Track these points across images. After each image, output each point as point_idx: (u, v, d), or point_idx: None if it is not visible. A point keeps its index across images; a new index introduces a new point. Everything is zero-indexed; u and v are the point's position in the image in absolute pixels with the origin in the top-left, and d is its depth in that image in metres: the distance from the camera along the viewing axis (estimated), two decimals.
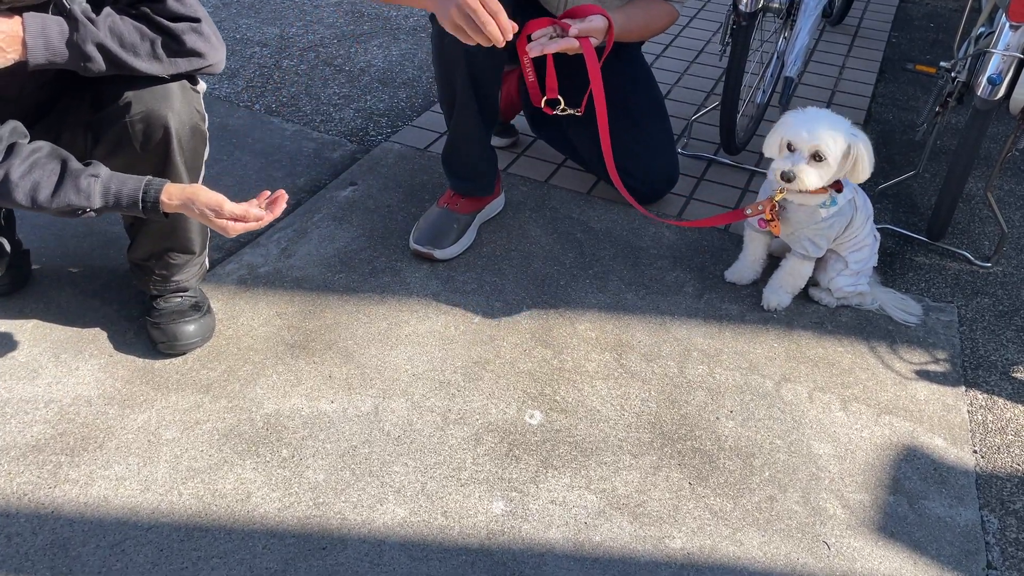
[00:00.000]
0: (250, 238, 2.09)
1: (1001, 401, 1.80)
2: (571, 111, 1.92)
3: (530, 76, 1.96)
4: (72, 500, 1.43)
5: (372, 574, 1.36)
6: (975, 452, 1.68)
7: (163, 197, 1.42)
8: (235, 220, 1.44)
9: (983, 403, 1.80)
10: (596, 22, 1.80)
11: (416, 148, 2.53)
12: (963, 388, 1.82)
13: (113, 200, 1.41)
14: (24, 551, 1.34)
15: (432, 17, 1.88)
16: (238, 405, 1.63)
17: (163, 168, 1.54)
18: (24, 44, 1.30)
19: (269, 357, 1.75)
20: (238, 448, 1.54)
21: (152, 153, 1.52)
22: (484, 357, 1.79)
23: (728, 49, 2.35)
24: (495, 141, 2.53)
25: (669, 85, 3.05)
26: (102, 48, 1.38)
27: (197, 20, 1.47)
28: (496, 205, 2.23)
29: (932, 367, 1.86)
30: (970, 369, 1.88)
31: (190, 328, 1.71)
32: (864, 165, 1.75)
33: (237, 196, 2.23)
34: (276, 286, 1.93)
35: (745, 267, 2.04)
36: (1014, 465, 1.66)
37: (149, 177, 1.44)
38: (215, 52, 1.51)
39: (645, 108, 2.20)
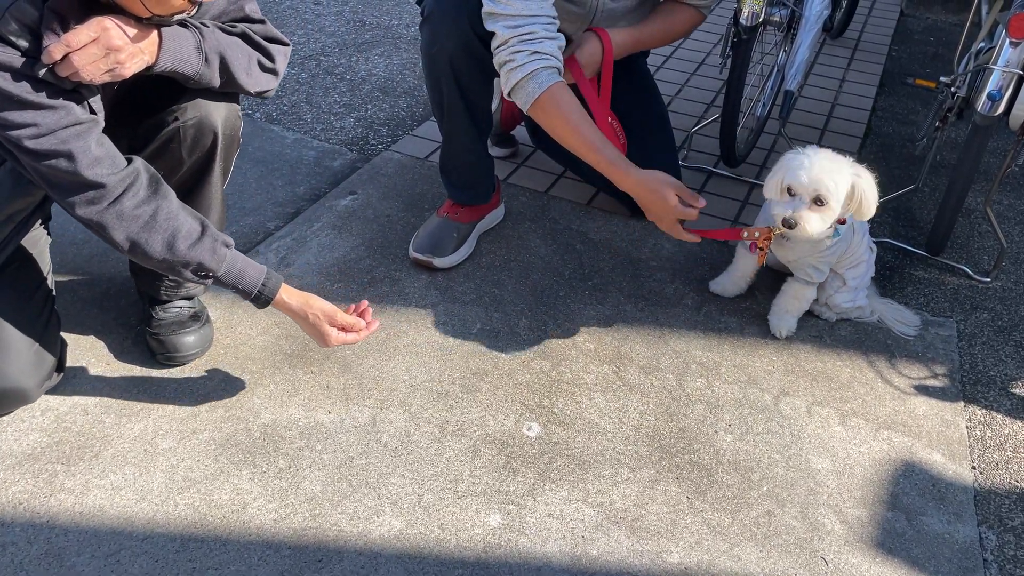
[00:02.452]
0: (249, 246, 2.09)
1: (1000, 417, 1.80)
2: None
3: None
4: (67, 510, 1.42)
5: None
6: (974, 468, 1.67)
7: (282, 295, 1.51)
8: (342, 330, 1.55)
9: (982, 419, 1.79)
10: (586, 43, 1.91)
11: (416, 158, 2.53)
12: (962, 403, 1.82)
13: (233, 278, 1.46)
14: (19, 561, 1.34)
15: (421, 25, 1.89)
16: (235, 415, 1.63)
17: (204, 170, 1.59)
18: (160, 48, 1.34)
19: (267, 367, 1.74)
20: (235, 458, 1.54)
21: (197, 157, 1.56)
22: (482, 368, 1.79)
23: (729, 62, 2.35)
24: (495, 152, 2.54)
25: (670, 97, 3.06)
26: (220, 58, 1.44)
27: (287, 44, 1.58)
28: (496, 215, 2.23)
29: (931, 382, 1.86)
30: (969, 384, 1.88)
31: (189, 339, 1.71)
32: (869, 203, 1.69)
33: (237, 205, 2.23)
34: None
35: (730, 281, 2.04)
36: (1012, 481, 1.65)
37: (266, 269, 1.50)
38: (281, 76, 1.60)
39: (648, 119, 2.20)
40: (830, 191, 1.65)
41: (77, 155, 1.29)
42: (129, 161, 1.38)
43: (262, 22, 1.55)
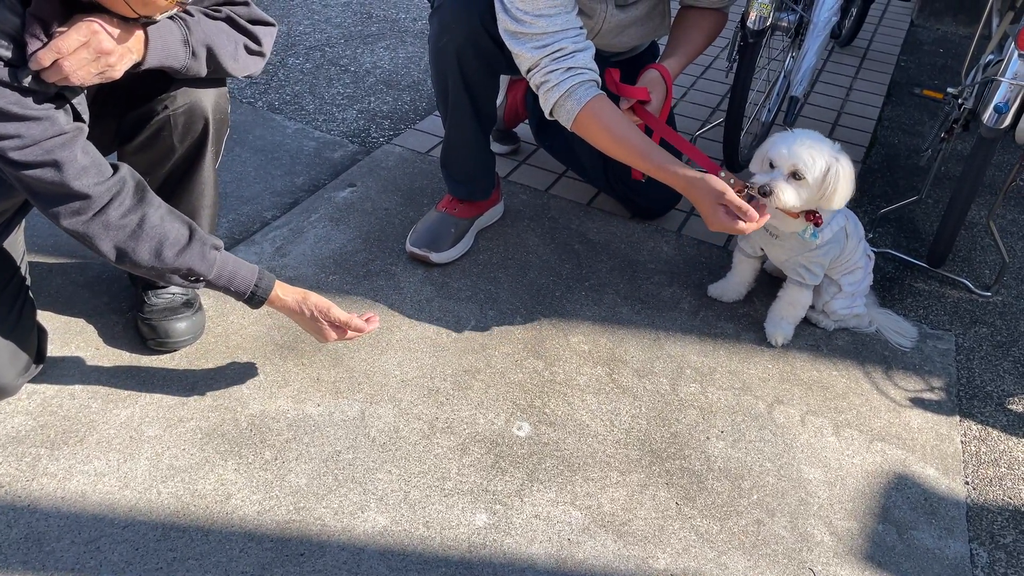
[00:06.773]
0: (245, 235, 2.07)
1: (995, 433, 1.78)
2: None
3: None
4: (49, 494, 1.41)
5: None
6: (967, 483, 1.66)
7: (277, 293, 1.50)
8: (337, 328, 1.54)
9: (977, 434, 1.77)
10: (654, 89, 1.85)
11: (417, 152, 2.51)
12: (957, 418, 1.80)
13: (225, 281, 1.45)
14: None
15: (431, 16, 1.87)
16: (223, 404, 1.61)
17: (196, 155, 1.58)
18: (147, 45, 1.31)
19: (257, 357, 1.73)
20: (220, 448, 1.52)
21: (188, 142, 1.55)
22: (475, 366, 1.77)
23: (735, 66, 2.34)
24: (496, 148, 2.52)
25: (674, 99, 3.04)
26: (207, 49, 1.41)
27: (272, 25, 1.54)
28: (495, 212, 2.21)
29: (927, 395, 1.84)
30: (965, 399, 1.86)
31: (181, 325, 1.70)
32: (842, 191, 1.70)
33: (234, 193, 2.22)
34: None
35: (729, 287, 2.03)
36: (1006, 498, 1.64)
37: (259, 269, 1.49)
38: (268, 57, 1.56)
39: None
40: (807, 165, 1.68)
41: (64, 165, 1.26)
42: (115, 169, 1.35)
43: (246, 4, 1.50)
